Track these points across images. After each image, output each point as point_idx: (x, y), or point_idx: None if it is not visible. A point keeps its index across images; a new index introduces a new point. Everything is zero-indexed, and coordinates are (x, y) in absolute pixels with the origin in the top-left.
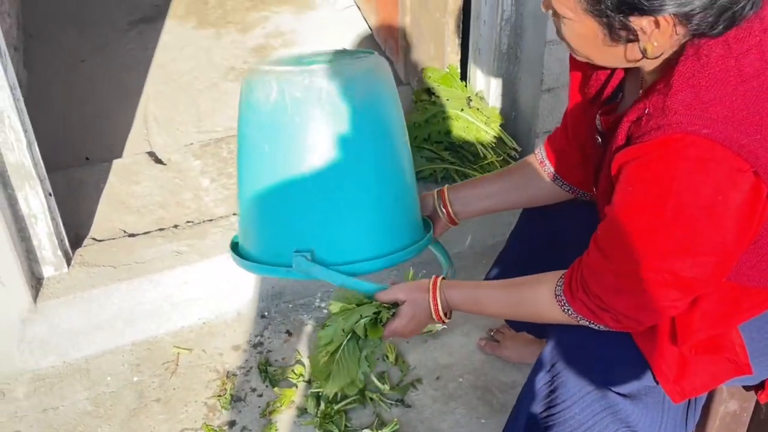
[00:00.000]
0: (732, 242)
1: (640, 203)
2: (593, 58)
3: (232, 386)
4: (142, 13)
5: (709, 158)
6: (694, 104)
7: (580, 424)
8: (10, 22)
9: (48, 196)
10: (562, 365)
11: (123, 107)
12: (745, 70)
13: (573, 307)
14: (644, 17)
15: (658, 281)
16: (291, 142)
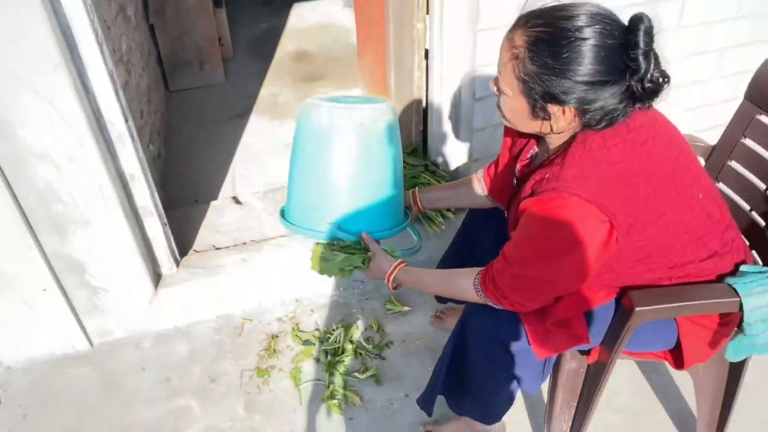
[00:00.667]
0: (590, 266)
1: (535, 234)
2: (517, 125)
3: (274, 344)
4: (236, 111)
5: (582, 213)
6: (578, 177)
7: (482, 373)
8: (156, 116)
9: (164, 225)
10: (471, 330)
11: (220, 169)
12: (613, 157)
13: (484, 294)
14: (557, 105)
15: (539, 285)
16: (332, 152)
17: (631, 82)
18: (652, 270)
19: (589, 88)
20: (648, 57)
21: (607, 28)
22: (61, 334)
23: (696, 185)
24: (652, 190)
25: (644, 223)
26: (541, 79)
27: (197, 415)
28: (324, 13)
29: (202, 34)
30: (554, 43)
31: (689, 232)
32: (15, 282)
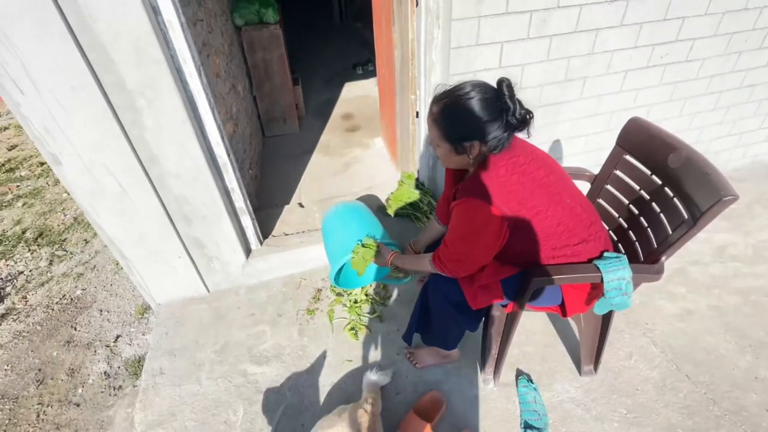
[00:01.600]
0: (491, 245)
1: (454, 225)
2: (449, 164)
3: (318, 295)
4: (305, 150)
5: (479, 208)
6: (474, 186)
7: (439, 318)
8: (255, 152)
9: (253, 220)
10: (430, 291)
11: (293, 185)
12: (499, 172)
13: (435, 266)
14: (468, 142)
15: (462, 257)
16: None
17: (507, 118)
18: (539, 250)
19: (483, 126)
20: (513, 100)
21: (484, 88)
22: (190, 284)
23: (563, 193)
24: (528, 194)
25: (525, 217)
26: (454, 128)
27: (269, 336)
28: (364, 88)
29: (285, 102)
30: (454, 106)
31: (561, 224)
32: (163, 253)
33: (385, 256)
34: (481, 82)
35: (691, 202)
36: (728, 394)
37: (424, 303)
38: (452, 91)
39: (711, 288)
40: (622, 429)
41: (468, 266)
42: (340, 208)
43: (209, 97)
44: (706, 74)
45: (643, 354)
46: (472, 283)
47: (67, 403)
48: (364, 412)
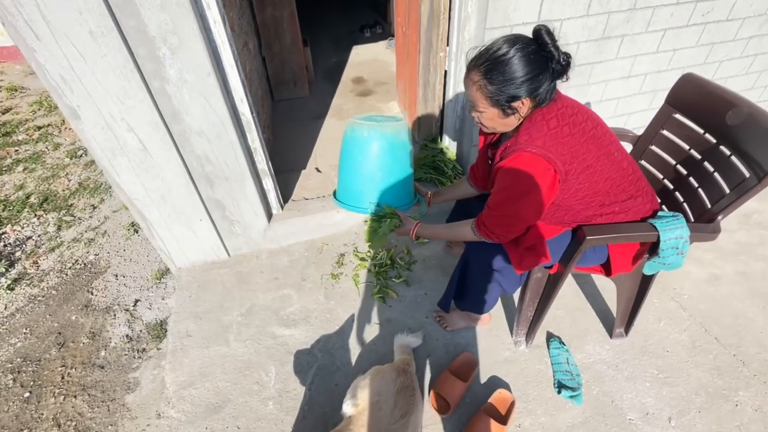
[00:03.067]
0: (543, 203)
1: (504, 185)
2: (497, 128)
3: (342, 259)
4: (316, 114)
5: (534, 162)
6: (527, 140)
7: (479, 284)
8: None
9: (274, 182)
10: (473, 259)
11: (307, 150)
12: (550, 124)
13: (479, 233)
14: (516, 101)
15: (511, 220)
16: (369, 153)
17: (552, 66)
18: (588, 207)
19: (531, 82)
20: (556, 47)
21: (523, 42)
22: (210, 248)
23: (611, 146)
24: (579, 146)
25: (576, 170)
26: (501, 91)
27: (295, 300)
28: (373, 51)
29: (295, 63)
30: (497, 68)
31: (609, 179)
32: (184, 214)
33: (408, 227)
34: (514, 36)
35: (753, 161)
36: (757, 356)
37: (463, 270)
38: (490, 52)
39: (737, 254)
40: (654, 388)
41: (516, 229)
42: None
43: (233, 49)
44: (744, 35)
45: (672, 318)
46: (518, 245)
47: (91, 366)
48: (402, 371)
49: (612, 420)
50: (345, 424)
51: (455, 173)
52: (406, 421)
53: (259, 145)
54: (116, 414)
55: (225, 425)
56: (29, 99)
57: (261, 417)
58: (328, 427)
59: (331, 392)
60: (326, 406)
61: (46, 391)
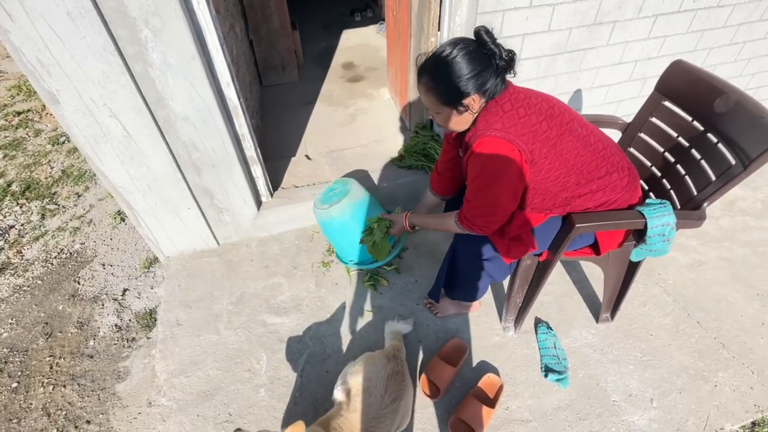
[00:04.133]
0: (516, 185)
1: (475, 173)
2: (453, 126)
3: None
4: (306, 100)
5: (496, 145)
6: (486, 126)
7: (468, 274)
8: (256, 101)
9: (263, 169)
10: (460, 251)
11: (297, 136)
12: (505, 107)
13: (462, 226)
14: (467, 98)
15: (490, 211)
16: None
17: (496, 62)
18: (564, 189)
19: (476, 78)
20: (496, 44)
21: (464, 43)
22: (199, 236)
23: (572, 123)
24: (538, 125)
25: (541, 149)
26: (450, 90)
27: (286, 288)
28: (363, 36)
29: (284, 47)
30: (442, 68)
31: (579, 155)
32: (171, 202)
33: (400, 222)
34: (458, 39)
35: (738, 148)
36: (736, 339)
37: (452, 261)
38: (435, 55)
39: (721, 240)
40: (637, 371)
41: (497, 217)
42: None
43: (219, 32)
44: (733, 22)
45: (656, 302)
46: (503, 236)
47: (80, 355)
48: (393, 357)
49: (597, 402)
50: (336, 410)
51: None
52: (397, 406)
53: (247, 132)
54: (107, 403)
55: (216, 412)
56: (7, 83)
57: (252, 404)
58: (320, 413)
59: (322, 379)
60: (317, 392)
61: (35, 381)
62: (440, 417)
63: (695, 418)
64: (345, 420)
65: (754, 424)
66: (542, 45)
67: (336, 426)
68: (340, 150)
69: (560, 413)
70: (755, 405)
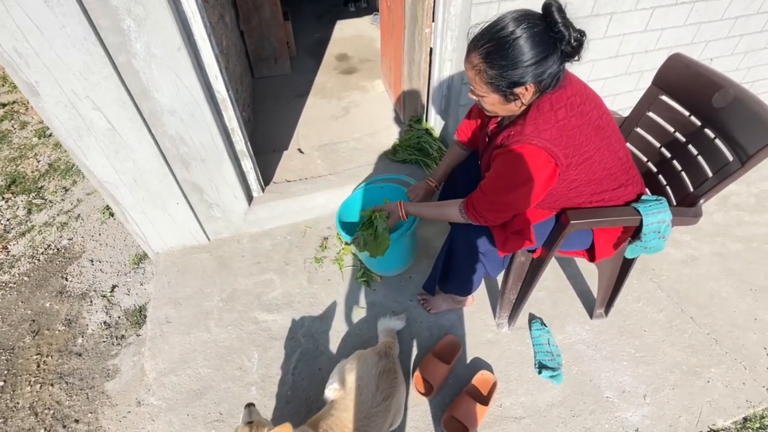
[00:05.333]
0: (538, 194)
1: (502, 173)
2: (499, 113)
3: (325, 243)
4: (299, 92)
5: (537, 155)
6: (534, 132)
7: (463, 266)
8: (247, 93)
9: (254, 163)
10: (456, 241)
11: (289, 130)
12: (558, 116)
13: (466, 215)
14: (520, 87)
15: (503, 207)
16: None
17: (561, 47)
18: (579, 195)
19: (536, 66)
20: (567, 26)
21: (530, 21)
22: (189, 232)
23: (612, 136)
24: (584, 138)
25: (577, 162)
26: (502, 77)
27: (278, 284)
28: (357, 27)
29: (276, 38)
30: (500, 50)
31: (606, 169)
32: (159, 197)
33: (396, 211)
34: (522, 13)
35: (737, 144)
36: (729, 334)
37: (448, 253)
38: (493, 31)
39: (714, 236)
40: (630, 367)
41: (506, 215)
42: None
43: (205, 21)
44: (731, 15)
45: (650, 298)
46: (504, 229)
47: (68, 353)
48: (384, 355)
49: (590, 398)
50: (328, 408)
51: (440, 154)
52: (389, 404)
53: (237, 125)
54: (95, 401)
55: (207, 411)
56: None
57: (244, 402)
58: (312, 411)
59: (315, 377)
60: (309, 390)
61: (22, 380)
62: (434, 414)
63: (688, 414)
64: (336, 420)
65: (745, 419)
66: None
67: (327, 426)
68: (333, 143)
69: (554, 410)
70: (747, 401)
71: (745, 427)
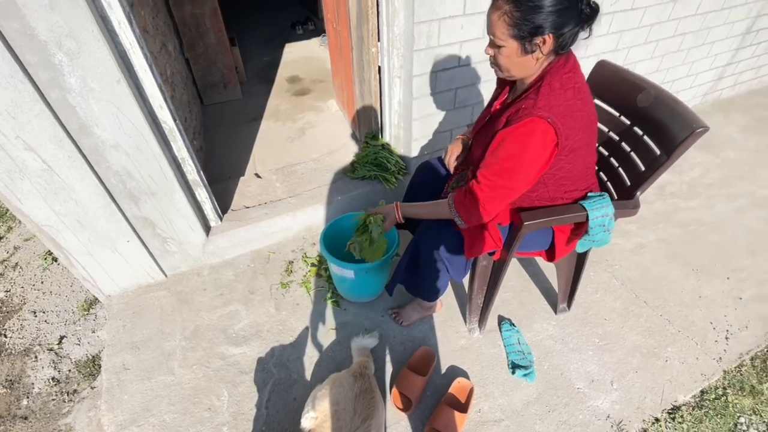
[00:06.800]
0: (536, 175)
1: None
2: (511, 68)
3: (291, 267)
4: (251, 117)
5: (546, 131)
6: (547, 106)
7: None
8: (197, 121)
9: (209, 192)
10: (424, 244)
11: (245, 155)
12: (567, 95)
13: (456, 210)
14: (539, 36)
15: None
16: None
17: (582, 6)
18: (555, 190)
19: (558, 15)
20: None
21: None
22: (143, 270)
23: (594, 136)
24: (581, 126)
25: (568, 150)
26: (526, 20)
27: (243, 315)
28: (306, 49)
29: (223, 64)
30: None
31: (585, 166)
32: (107, 237)
33: (392, 214)
34: None
35: (662, 138)
36: (679, 313)
37: (413, 255)
38: None
39: (657, 223)
40: (596, 356)
41: (505, 201)
42: None
43: (145, 51)
44: (646, 23)
45: (607, 288)
46: (474, 230)
47: (11, 418)
48: (360, 375)
49: (563, 392)
50: None
51: (398, 168)
52: (368, 425)
53: (187, 154)
54: None
55: None
56: None
57: None
58: None
59: (290, 407)
60: (285, 422)
61: None
62: (415, 429)
63: (652, 394)
64: None
65: (702, 392)
66: (481, 51)
67: None
68: (290, 165)
69: (530, 408)
70: (702, 374)
71: (703, 399)
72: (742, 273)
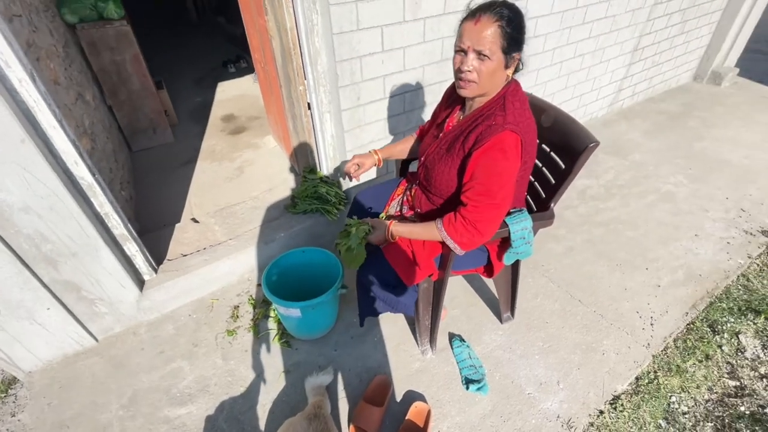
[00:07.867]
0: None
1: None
2: (484, 83)
3: (236, 312)
4: (185, 160)
5: (516, 144)
6: (515, 121)
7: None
8: (124, 170)
9: (139, 245)
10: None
11: (179, 200)
12: (525, 114)
13: (447, 232)
14: (516, 54)
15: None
16: None
17: None
18: None
19: (523, 40)
20: None
21: None
22: (69, 338)
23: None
24: (531, 142)
25: (525, 163)
26: (514, 39)
27: (188, 371)
28: (240, 87)
29: (150, 109)
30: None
31: (523, 183)
32: (22, 307)
33: (382, 230)
34: None
35: (564, 154)
36: (610, 307)
37: (364, 291)
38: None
39: (582, 225)
40: (542, 359)
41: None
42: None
43: (53, 108)
44: (549, 47)
45: (545, 292)
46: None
47: None
48: (314, 417)
49: (515, 399)
50: None
51: (339, 199)
52: None
53: (111, 209)
54: None
55: None
56: None
57: None
58: None
59: None
60: None
61: None
62: None
63: (594, 388)
64: None
65: (637, 379)
66: (403, 83)
67: None
68: (230, 206)
69: (486, 421)
70: (635, 361)
71: (638, 385)
72: (657, 263)
